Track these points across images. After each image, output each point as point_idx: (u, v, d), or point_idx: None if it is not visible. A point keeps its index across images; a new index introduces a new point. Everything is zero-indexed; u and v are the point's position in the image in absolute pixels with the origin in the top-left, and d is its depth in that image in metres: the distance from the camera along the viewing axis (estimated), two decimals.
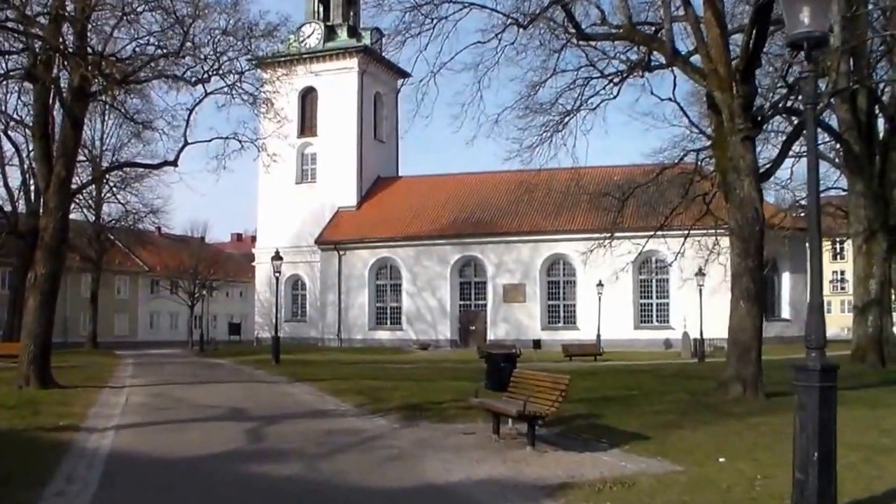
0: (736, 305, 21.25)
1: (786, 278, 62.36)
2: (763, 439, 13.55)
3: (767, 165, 27.17)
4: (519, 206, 64.39)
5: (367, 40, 72.89)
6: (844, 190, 44.02)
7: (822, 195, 17.74)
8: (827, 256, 68.75)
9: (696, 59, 23.81)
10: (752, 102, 22.02)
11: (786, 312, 62.15)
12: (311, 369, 34.02)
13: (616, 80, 26.64)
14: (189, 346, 67.94)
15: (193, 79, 27.84)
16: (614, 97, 27.20)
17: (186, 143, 29.79)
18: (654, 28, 25.62)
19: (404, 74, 69.47)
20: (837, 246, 72.10)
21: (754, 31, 20.68)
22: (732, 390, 20.62)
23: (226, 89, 28.79)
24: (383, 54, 70.13)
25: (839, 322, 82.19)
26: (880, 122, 35.39)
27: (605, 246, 35.45)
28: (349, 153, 71.94)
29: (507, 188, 64.93)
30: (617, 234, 36.02)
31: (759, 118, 23.07)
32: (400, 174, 77.82)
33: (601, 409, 17.91)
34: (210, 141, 30.69)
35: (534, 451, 12.71)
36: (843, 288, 69.94)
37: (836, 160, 37.52)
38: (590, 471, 11.21)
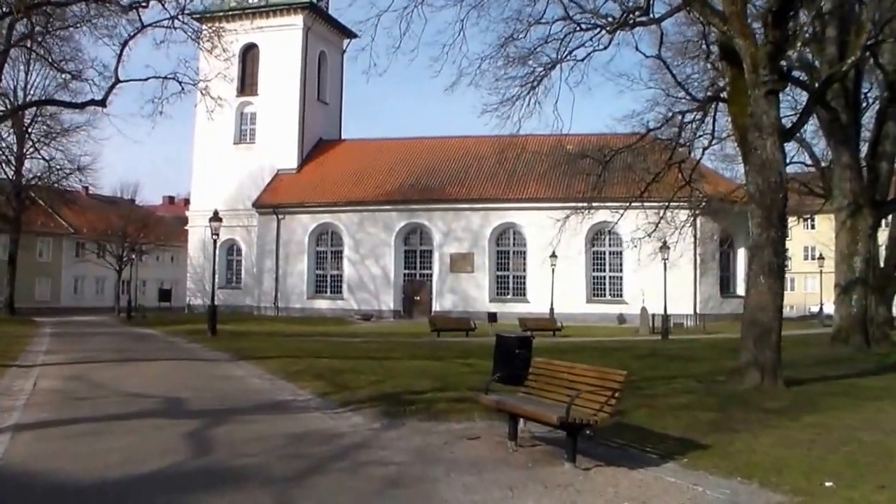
0: (755, 281, 18.52)
1: (741, 254, 61.14)
2: (844, 448, 10.93)
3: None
4: (469, 173, 63.87)
5: None
6: (807, 165, 42.38)
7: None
8: (799, 230, 66.98)
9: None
10: (783, 50, 19.19)
11: (741, 289, 60.74)
12: (253, 343, 30.87)
13: (609, 28, 23.81)
14: (116, 313, 65.24)
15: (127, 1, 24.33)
16: (605, 48, 24.59)
17: (118, 81, 26.34)
18: None
19: (351, 34, 67.94)
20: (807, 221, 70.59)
21: None
22: (749, 378, 18.02)
23: (165, 22, 25.39)
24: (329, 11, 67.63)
25: (801, 300, 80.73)
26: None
27: (582, 213, 33.09)
28: (291, 114, 69.72)
29: (456, 154, 64.00)
30: (595, 204, 33.68)
31: (787, 69, 20.24)
32: (343, 137, 75.57)
33: None
34: (146, 80, 27.30)
35: (575, 468, 9.71)
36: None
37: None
38: (663, 500, 8.49)
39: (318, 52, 72.19)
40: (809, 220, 63.85)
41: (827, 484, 8.96)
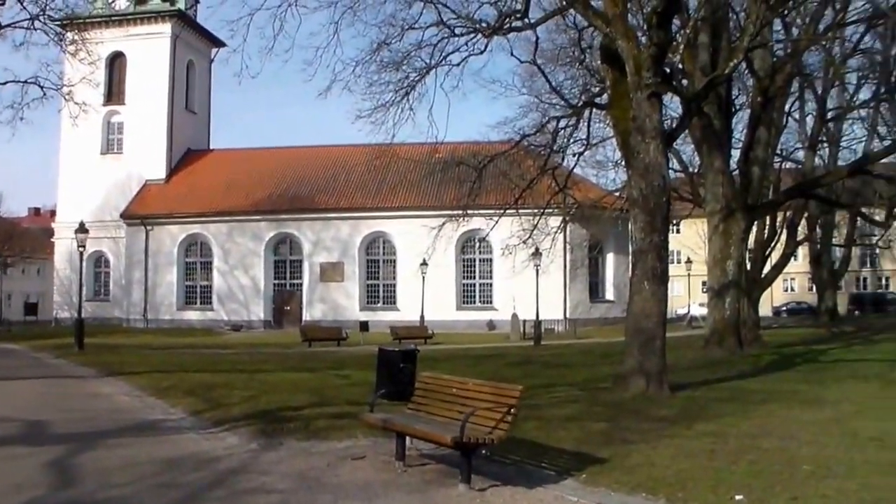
0: (639, 287, 18.29)
1: (610, 259, 62.19)
2: (746, 456, 10.67)
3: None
4: (339, 182, 63.66)
5: (181, 4, 69.07)
6: (675, 170, 43.14)
7: None
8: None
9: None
10: (666, 53, 19.08)
11: (610, 293, 61.90)
12: (121, 357, 29.55)
13: (486, 32, 23.47)
14: None
15: None
16: (481, 52, 24.26)
17: None
18: None
19: (219, 43, 66.59)
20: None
21: None
22: (634, 385, 17.79)
23: (25, 23, 24.08)
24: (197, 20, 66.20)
25: (669, 303, 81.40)
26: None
27: (457, 220, 32.87)
28: (159, 123, 67.95)
29: (327, 163, 63.67)
30: (469, 211, 33.46)
31: (669, 72, 20.14)
32: (212, 147, 74.06)
33: None
34: (4, 84, 25.93)
35: (470, 489, 9.15)
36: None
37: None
38: None
39: (186, 60, 70.56)
40: (675, 226, 64.98)
41: (737, 497, 8.64)
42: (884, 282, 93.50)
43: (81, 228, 38.06)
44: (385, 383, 12.82)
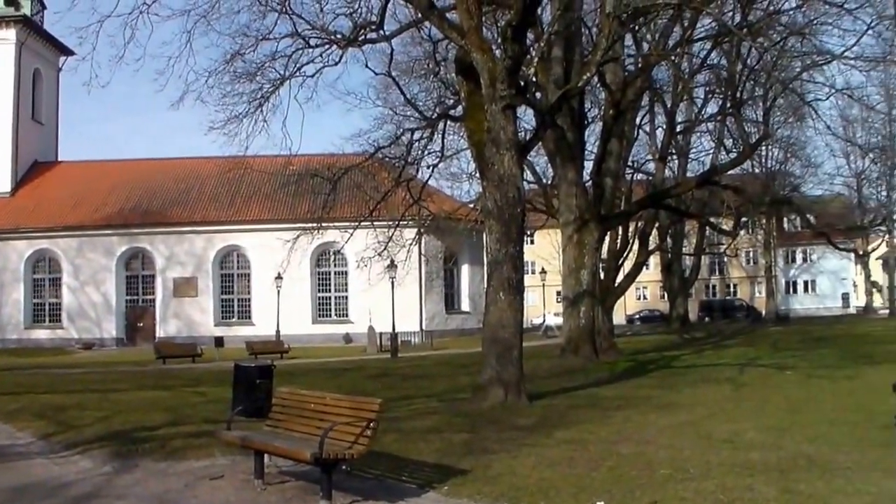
0: (495, 298, 18.34)
1: (465, 270, 62.61)
2: (606, 462, 10.82)
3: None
4: (191, 195, 62.42)
5: (27, 10, 66.28)
6: (529, 182, 43.80)
7: None
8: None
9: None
10: (520, 66, 19.24)
11: (465, 305, 62.34)
12: None
13: (340, 44, 23.41)
14: None
15: None
16: (335, 63, 24.21)
17: None
18: None
19: (68, 52, 64.30)
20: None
21: None
22: (493, 395, 17.78)
23: None
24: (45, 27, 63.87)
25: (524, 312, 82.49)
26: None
27: (311, 233, 32.71)
28: (3, 134, 64.71)
29: (179, 176, 62.43)
30: (324, 224, 33.20)
31: (523, 84, 20.31)
32: (60, 159, 71.16)
33: None
34: None
35: None
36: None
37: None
38: None
39: (32, 68, 67.62)
40: (530, 236, 65.90)
41: (598, 503, 8.72)
42: (732, 289, 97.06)
43: None
44: (242, 400, 12.54)
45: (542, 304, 68.82)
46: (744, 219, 55.40)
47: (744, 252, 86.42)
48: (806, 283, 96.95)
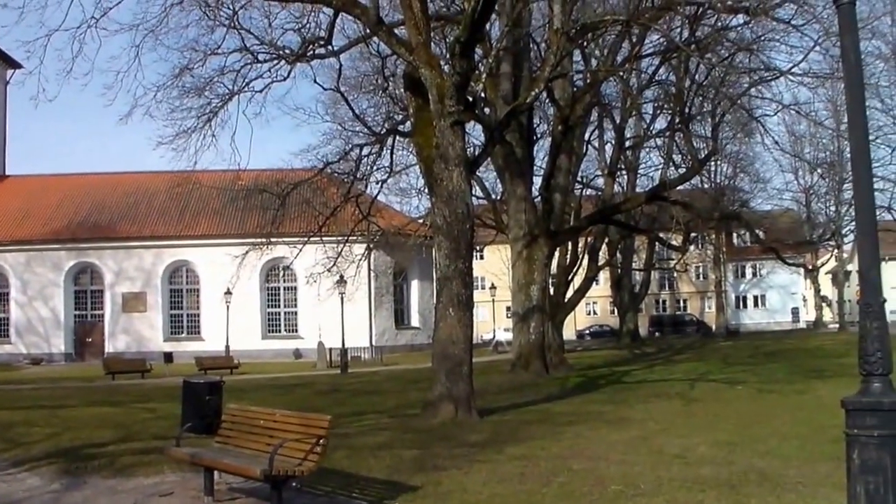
0: (444, 314, 18.25)
1: (414, 286, 62.55)
2: (557, 478, 10.78)
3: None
4: (140, 210, 61.76)
5: None
6: (479, 198, 43.80)
7: None
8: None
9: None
10: (469, 82, 19.21)
11: (415, 320, 62.25)
12: None
13: (289, 59, 23.33)
14: None
15: None
16: (284, 79, 24.13)
17: None
18: None
19: (15, 65, 63.22)
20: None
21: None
22: (443, 411, 17.71)
23: None
24: None
25: (474, 328, 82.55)
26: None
27: (260, 249, 32.54)
28: None
29: (128, 190, 61.72)
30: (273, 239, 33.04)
31: (472, 100, 20.26)
32: (7, 173, 69.66)
33: None
34: None
35: None
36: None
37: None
38: None
39: None
40: (479, 252, 65.95)
41: None
42: (681, 304, 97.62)
43: None
44: (191, 416, 12.38)
45: (493, 320, 69.01)
46: (693, 234, 55.82)
47: (693, 267, 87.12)
48: (755, 297, 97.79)
